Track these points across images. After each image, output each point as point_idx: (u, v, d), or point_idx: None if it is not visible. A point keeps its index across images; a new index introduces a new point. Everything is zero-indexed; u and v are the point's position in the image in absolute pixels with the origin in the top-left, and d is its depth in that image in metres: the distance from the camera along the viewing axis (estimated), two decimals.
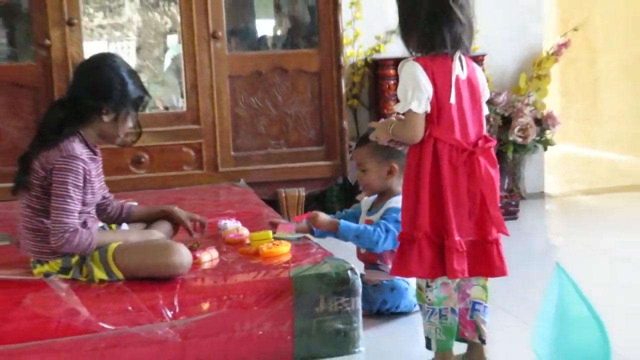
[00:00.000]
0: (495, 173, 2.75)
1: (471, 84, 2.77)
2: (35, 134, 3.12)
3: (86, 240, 3.00)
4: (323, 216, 3.51)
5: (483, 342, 2.85)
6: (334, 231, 3.45)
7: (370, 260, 3.50)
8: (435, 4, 2.71)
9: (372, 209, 3.55)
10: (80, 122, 3.09)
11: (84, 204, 3.07)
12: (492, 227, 2.74)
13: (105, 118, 3.09)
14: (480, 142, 2.75)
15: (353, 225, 3.43)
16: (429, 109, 2.70)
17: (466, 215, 2.73)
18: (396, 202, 3.42)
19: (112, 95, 3.07)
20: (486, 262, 2.74)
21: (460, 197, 2.71)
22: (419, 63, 2.71)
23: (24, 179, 3.09)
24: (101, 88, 3.08)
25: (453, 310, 2.79)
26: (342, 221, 3.44)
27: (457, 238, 2.70)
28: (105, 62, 3.16)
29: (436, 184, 2.72)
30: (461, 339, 2.87)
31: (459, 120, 2.73)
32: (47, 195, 3.04)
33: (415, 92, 2.69)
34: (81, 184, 3.01)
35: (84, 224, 3.08)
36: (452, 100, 2.70)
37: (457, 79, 2.72)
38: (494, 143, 2.78)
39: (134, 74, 3.17)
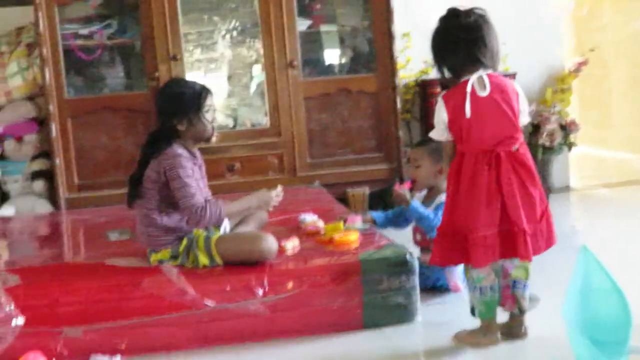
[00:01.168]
0: (525, 173, 2.66)
1: (494, 98, 2.67)
2: (140, 157, 3.17)
3: (216, 211, 3.02)
4: (406, 192, 3.38)
5: (522, 313, 2.79)
6: (406, 206, 3.34)
7: (424, 245, 3.45)
8: (443, 38, 2.73)
9: (423, 204, 3.49)
10: (172, 137, 3.10)
11: None
12: (520, 219, 2.64)
13: (181, 127, 3.11)
14: (503, 146, 2.66)
15: (421, 208, 3.36)
16: (446, 136, 2.73)
17: (491, 210, 2.64)
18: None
19: (174, 110, 3.10)
20: (512, 247, 2.66)
21: (484, 195, 2.63)
22: (442, 98, 2.72)
23: (134, 194, 3.12)
24: (163, 109, 3.14)
25: (492, 288, 2.73)
26: (414, 201, 3.36)
27: (481, 234, 2.63)
28: (163, 88, 3.26)
29: (461, 189, 2.68)
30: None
31: (478, 131, 2.65)
32: (159, 195, 3.06)
33: (436, 124, 2.75)
34: (191, 173, 3.03)
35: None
36: (467, 114, 2.64)
37: (475, 96, 2.65)
38: (514, 147, 2.67)
39: (182, 86, 3.17)
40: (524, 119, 2.77)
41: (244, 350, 2.86)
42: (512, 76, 5.08)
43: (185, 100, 3.10)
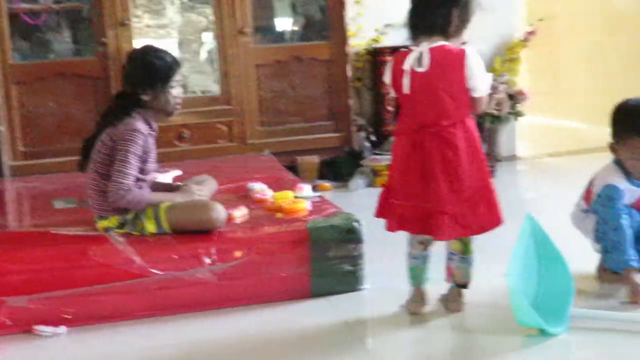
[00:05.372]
0: (452, 152, 2.57)
1: (431, 75, 2.57)
2: (97, 123, 3.13)
3: (137, 198, 2.98)
4: None
5: (458, 285, 2.79)
6: None
7: None
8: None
9: None
10: (134, 106, 3.06)
11: (143, 172, 3.06)
12: (440, 200, 2.57)
13: (146, 97, 3.07)
14: (434, 125, 2.58)
15: None
16: (392, 93, 2.71)
17: (413, 185, 2.61)
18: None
19: (139, 81, 3.06)
20: (433, 226, 2.60)
21: (407, 169, 2.62)
22: (394, 56, 2.69)
23: (87, 158, 3.10)
24: (129, 78, 3.09)
25: (415, 257, 2.76)
26: None
27: (394, 201, 2.65)
28: (131, 56, 3.19)
29: (394, 154, 2.70)
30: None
31: (412, 106, 2.63)
32: (112, 163, 3.02)
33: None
34: (139, 154, 3.00)
35: (139, 188, 3.07)
36: (406, 90, 2.60)
37: (412, 71, 2.59)
38: (448, 128, 2.58)
39: (155, 56, 3.11)
40: (477, 93, 2.63)
41: (192, 319, 2.85)
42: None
43: (155, 71, 3.06)
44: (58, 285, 2.80)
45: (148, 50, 3.17)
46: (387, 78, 2.70)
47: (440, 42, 2.61)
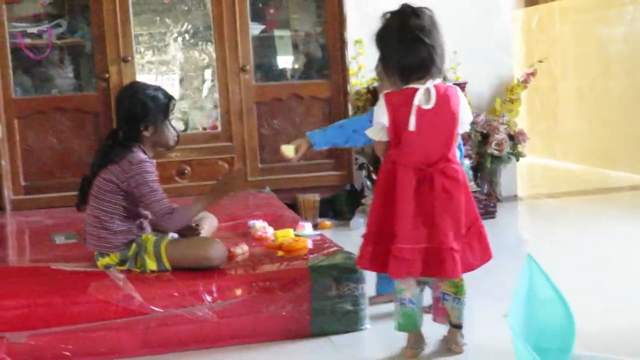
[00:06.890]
0: (455, 189, 2.60)
1: (437, 112, 2.59)
2: (93, 161, 3.13)
3: (184, 215, 3.02)
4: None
5: (454, 326, 2.76)
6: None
7: None
8: (399, 37, 2.59)
9: None
10: (133, 142, 3.07)
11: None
12: (447, 237, 2.58)
13: (147, 133, 3.08)
14: (439, 162, 2.60)
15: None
16: (384, 138, 2.66)
17: (418, 225, 2.59)
18: None
19: (141, 116, 3.06)
20: (438, 265, 2.59)
21: (411, 210, 2.59)
22: (385, 98, 2.63)
23: (85, 196, 3.11)
24: (130, 114, 3.08)
25: (411, 300, 2.70)
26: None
27: (400, 245, 2.58)
28: (127, 92, 3.18)
29: (389, 197, 2.63)
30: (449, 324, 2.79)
31: (419, 144, 2.60)
32: (117, 200, 3.02)
33: (374, 123, 2.67)
34: (157, 178, 3.01)
35: (140, 225, 3.07)
36: (412, 127, 2.58)
37: (419, 108, 2.58)
38: (451, 164, 2.61)
39: (153, 91, 3.12)
40: (463, 129, 2.68)
41: (190, 357, 2.84)
42: (463, 85, 5.14)
43: (155, 107, 3.08)
44: (58, 321, 2.78)
45: (142, 87, 3.18)
46: (384, 119, 2.63)
47: (438, 80, 2.64)
